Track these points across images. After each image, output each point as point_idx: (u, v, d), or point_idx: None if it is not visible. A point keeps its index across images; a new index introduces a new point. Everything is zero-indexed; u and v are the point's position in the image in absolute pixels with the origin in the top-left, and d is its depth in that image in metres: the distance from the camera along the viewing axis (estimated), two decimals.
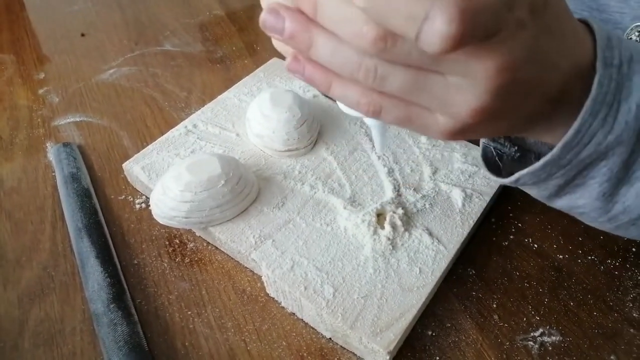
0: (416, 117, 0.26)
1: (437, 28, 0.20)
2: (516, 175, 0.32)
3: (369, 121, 0.31)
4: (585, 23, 0.30)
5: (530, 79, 0.25)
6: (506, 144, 0.37)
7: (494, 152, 0.37)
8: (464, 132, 0.26)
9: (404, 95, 0.26)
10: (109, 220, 0.44)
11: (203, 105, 0.53)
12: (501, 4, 0.21)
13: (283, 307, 0.39)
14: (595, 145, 0.28)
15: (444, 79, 0.24)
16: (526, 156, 0.37)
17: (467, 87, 0.24)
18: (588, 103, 0.27)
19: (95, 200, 0.45)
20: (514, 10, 0.22)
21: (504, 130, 0.29)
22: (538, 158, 0.31)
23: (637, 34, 0.51)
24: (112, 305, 0.36)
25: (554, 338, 0.37)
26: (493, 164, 0.36)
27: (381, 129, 0.32)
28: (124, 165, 0.46)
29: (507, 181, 0.33)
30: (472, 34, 0.21)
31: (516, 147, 0.37)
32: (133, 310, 0.37)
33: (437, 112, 0.26)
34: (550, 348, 0.37)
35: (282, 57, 0.59)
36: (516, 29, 0.23)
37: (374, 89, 0.26)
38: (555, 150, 0.29)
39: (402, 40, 0.23)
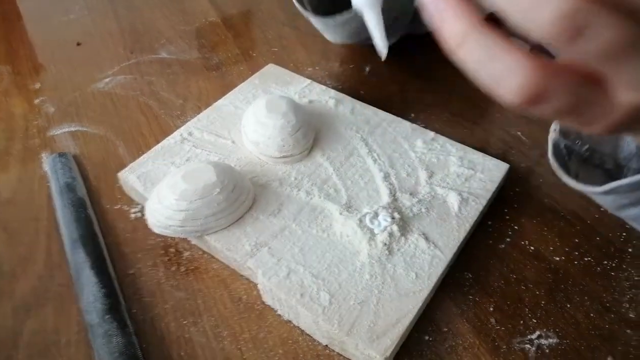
0: (592, 98, 0.20)
1: None
2: (614, 183, 0.30)
3: (359, 2, 0.29)
4: None
5: None
6: (577, 142, 0.36)
7: (564, 150, 0.36)
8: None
9: (599, 58, 0.18)
10: (105, 230, 0.44)
11: (199, 113, 0.53)
12: None
13: (279, 315, 0.39)
14: None
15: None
16: (593, 157, 0.36)
17: None
18: None
19: (90, 210, 0.45)
20: None
21: None
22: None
23: None
24: (107, 316, 0.36)
25: (550, 340, 0.37)
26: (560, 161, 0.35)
27: (375, 14, 0.29)
28: (119, 174, 0.46)
29: (599, 190, 0.31)
30: None
31: (587, 146, 0.35)
32: (128, 321, 0.37)
33: (625, 88, 0.20)
34: (547, 351, 0.37)
35: (277, 63, 0.60)
36: None
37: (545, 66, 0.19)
38: None
39: None
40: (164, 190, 0.40)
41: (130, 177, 0.45)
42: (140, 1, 0.75)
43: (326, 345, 0.37)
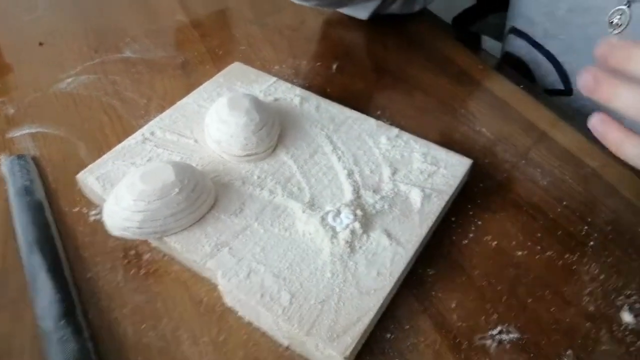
0: None
1: None
2: None
3: None
4: None
5: None
6: None
7: None
8: None
9: None
10: (63, 233, 0.43)
11: (163, 112, 0.52)
12: None
13: (240, 317, 0.38)
14: None
15: None
16: None
17: None
18: None
19: (48, 213, 0.44)
20: None
21: None
22: None
23: (618, 17, 0.53)
24: (62, 322, 0.35)
25: (511, 335, 0.37)
26: None
27: None
28: (78, 176, 0.45)
29: None
30: None
31: None
32: (84, 326, 0.36)
33: None
34: (507, 346, 0.37)
35: (244, 62, 0.59)
36: None
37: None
38: None
39: None
40: (121, 191, 0.40)
41: (89, 179, 0.45)
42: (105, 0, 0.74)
43: (287, 347, 0.37)
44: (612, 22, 0.55)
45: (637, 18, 0.53)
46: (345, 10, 0.70)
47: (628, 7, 0.53)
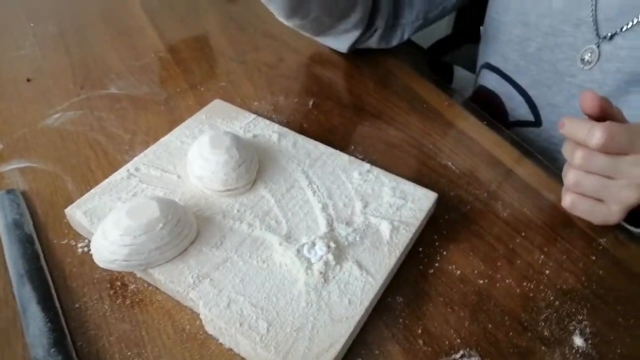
0: (597, 209, 0.48)
1: (595, 135, 0.44)
2: None
3: None
4: None
5: None
6: None
7: None
8: (627, 212, 0.47)
9: (594, 193, 0.47)
10: (52, 265, 0.45)
11: (147, 148, 0.55)
12: (631, 134, 0.44)
13: (221, 344, 0.41)
14: None
15: (616, 182, 0.46)
16: None
17: (628, 186, 0.45)
18: None
19: (37, 245, 0.46)
20: (638, 140, 0.44)
21: None
22: None
23: (589, 55, 0.58)
24: (52, 350, 0.37)
25: (473, 359, 0.40)
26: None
27: None
28: (66, 210, 0.47)
29: None
30: (611, 143, 0.44)
31: None
32: (74, 354, 0.38)
33: (611, 204, 0.47)
34: None
35: (224, 99, 0.62)
36: None
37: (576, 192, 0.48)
38: None
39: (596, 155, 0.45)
40: (108, 226, 0.42)
41: (77, 213, 0.47)
42: (91, 36, 0.77)
43: None
44: (583, 59, 0.61)
45: (605, 56, 0.59)
46: (327, 41, 0.74)
47: (597, 46, 0.59)
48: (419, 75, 0.72)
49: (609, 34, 0.58)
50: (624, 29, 0.56)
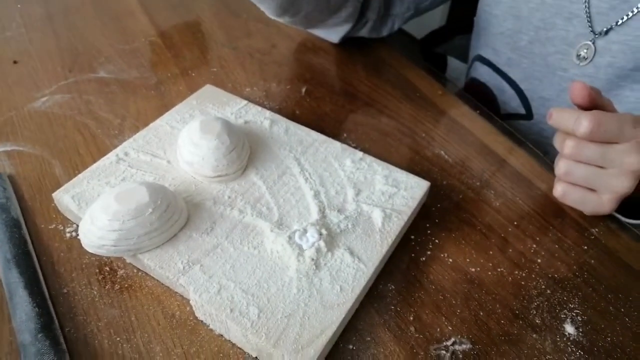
0: (588, 198, 0.48)
1: (582, 123, 0.44)
2: None
3: None
4: None
5: None
6: None
7: None
8: (618, 202, 0.47)
9: (585, 183, 0.47)
10: (39, 250, 0.45)
11: (136, 132, 0.54)
12: (619, 122, 0.44)
13: (211, 330, 0.40)
14: None
15: (606, 171, 0.45)
16: None
17: (619, 175, 0.45)
18: None
19: (25, 230, 0.45)
20: (627, 128, 0.44)
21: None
22: None
23: (584, 51, 0.58)
24: (39, 335, 0.37)
25: (464, 346, 0.40)
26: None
27: None
28: (54, 194, 0.47)
29: None
30: (599, 131, 0.44)
31: None
32: (61, 339, 0.38)
33: (603, 193, 0.47)
34: (461, 356, 0.40)
35: (216, 84, 0.62)
36: (633, 141, 0.44)
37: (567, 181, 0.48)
38: None
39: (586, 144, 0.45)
40: (96, 210, 0.41)
41: (64, 198, 0.46)
42: (80, 20, 0.76)
43: (256, 358, 0.39)
44: (579, 55, 0.60)
45: (599, 51, 0.58)
46: (318, 32, 0.73)
47: (593, 42, 0.58)
48: (412, 64, 0.72)
49: (604, 29, 0.57)
50: (618, 23, 0.56)
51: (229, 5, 0.82)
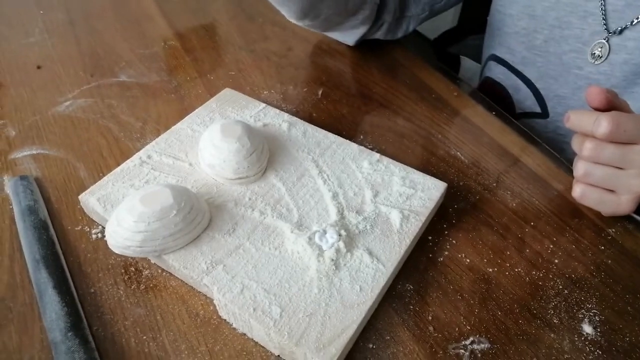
0: (607, 199, 0.48)
1: (601, 124, 0.44)
2: None
3: None
4: None
5: None
6: None
7: None
8: (637, 202, 0.47)
9: (603, 184, 0.47)
10: (66, 251, 0.46)
11: (158, 135, 0.55)
12: (638, 122, 0.44)
13: (234, 328, 0.41)
14: None
15: (625, 172, 0.46)
16: None
17: (638, 175, 0.45)
18: None
19: (52, 231, 0.47)
20: None
21: None
22: None
23: (599, 49, 0.58)
24: (69, 334, 0.38)
25: (483, 345, 0.41)
26: None
27: None
28: (80, 197, 0.48)
29: None
30: (618, 132, 0.44)
31: None
32: (90, 338, 0.39)
33: (621, 194, 0.47)
34: (479, 355, 0.40)
35: (234, 87, 0.63)
36: None
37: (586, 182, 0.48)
38: None
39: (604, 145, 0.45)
40: (122, 212, 0.43)
41: (90, 200, 0.47)
42: (101, 25, 0.77)
43: (278, 356, 0.40)
44: (593, 53, 0.61)
45: (614, 48, 0.59)
46: (334, 35, 0.74)
47: (607, 41, 0.59)
48: (427, 65, 0.73)
49: (619, 28, 0.58)
50: (634, 22, 0.57)
51: (245, 9, 0.83)
